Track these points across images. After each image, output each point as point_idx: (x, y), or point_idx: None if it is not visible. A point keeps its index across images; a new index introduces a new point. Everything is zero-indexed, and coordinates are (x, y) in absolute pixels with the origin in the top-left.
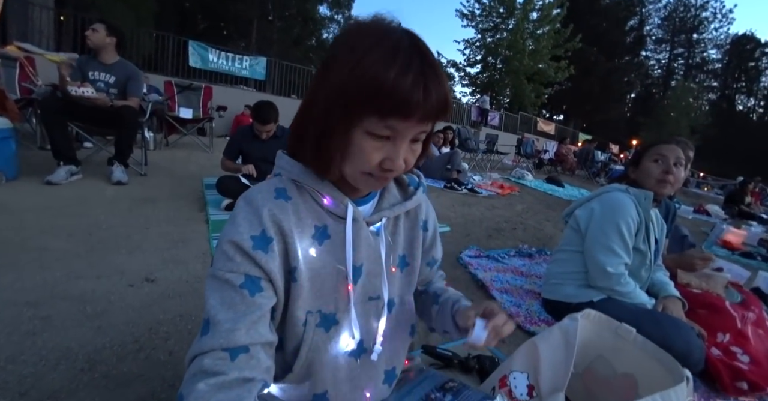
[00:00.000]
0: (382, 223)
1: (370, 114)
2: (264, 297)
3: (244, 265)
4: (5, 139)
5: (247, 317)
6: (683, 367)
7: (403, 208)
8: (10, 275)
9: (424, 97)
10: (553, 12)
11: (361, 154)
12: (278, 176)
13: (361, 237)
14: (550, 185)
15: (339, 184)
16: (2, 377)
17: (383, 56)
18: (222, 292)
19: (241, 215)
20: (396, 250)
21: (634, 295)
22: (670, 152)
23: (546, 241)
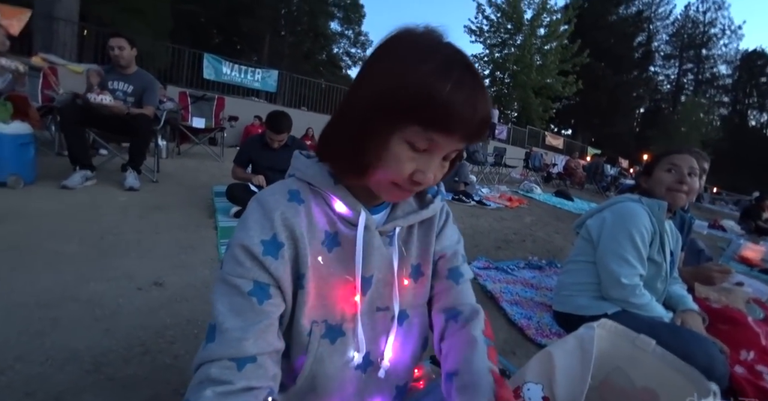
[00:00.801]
0: (395, 232)
1: (414, 123)
2: (273, 305)
3: (254, 271)
4: (25, 144)
5: (255, 326)
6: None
7: (418, 217)
8: (24, 278)
9: (472, 115)
10: (561, 28)
11: (395, 162)
12: (293, 177)
13: (373, 246)
14: (558, 199)
15: (354, 190)
16: (9, 376)
17: (438, 68)
18: (230, 298)
19: (252, 217)
20: (409, 259)
21: (650, 308)
22: (684, 161)
23: (556, 253)
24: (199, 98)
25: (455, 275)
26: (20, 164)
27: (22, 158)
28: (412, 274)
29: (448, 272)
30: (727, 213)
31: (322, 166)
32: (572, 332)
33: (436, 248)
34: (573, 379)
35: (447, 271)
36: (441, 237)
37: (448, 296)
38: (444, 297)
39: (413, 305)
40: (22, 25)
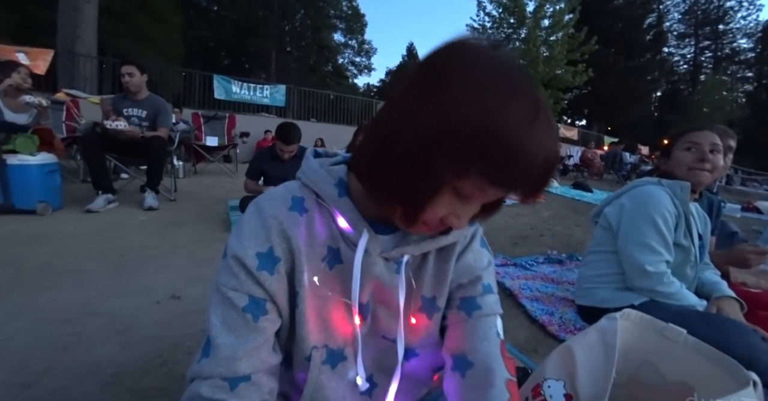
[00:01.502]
0: (404, 260)
1: (477, 173)
2: (268, 321)
3: (248, 285)
4: (52, 172)
5: (248, 343)
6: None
7: (434, 244)
8: (49, 296)
9: (543, 177)
10: (565, 18)
11: (432, 205)
12: (299, 181)
13: (372, 273)
14: (577, 191)
15: (363, 203)
16: (36, 390)
17: (524, 116)
18: (224, 310)
19: (248, 225)
20: (420, 291)
21: (680, 296)
22: (704, 138)
23: (576, 247)
24: (211, 118)
25: (468, 306)
26: (48, 191)
27: (49, 186)
28: (425, 308)
29: (461, 302)
30: (762, 194)
31: (329, 172)
32: None
33: (453, 276)
34: (596, 375)
35: (459, 300)
36: (460, 262)
37: (457, 334)
38: (453, 334)
39: (425, 343)
40: (47, 64)
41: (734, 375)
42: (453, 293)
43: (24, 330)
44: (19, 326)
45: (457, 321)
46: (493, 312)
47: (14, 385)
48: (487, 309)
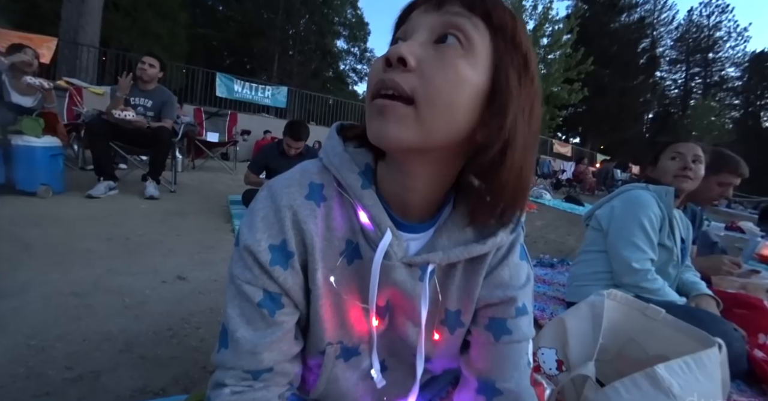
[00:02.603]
0: (429, 270)
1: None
2: (285, 314)
3: (262, 279)
4: (56, 156)
5: (267, 337)
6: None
7: (466, 253)
8: (59, 271)
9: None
10: (564, 37)
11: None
12: (320, 163)
13: (392, 279)
14: (569, 204)
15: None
16: (51, 353)
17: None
18: (241, 303)
19: (261, 213)
20: (445, 304)
21: (663, 292)
22: (688, 149)
23: (568, 253)
24: (213, 114)
25: (497, 329)
26: (51, 174)
27: (52, 169)
28: (448, 322)
29: (489, 322)
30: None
31: (355, 156)
32: None
33: (480, 293)
34: (585, 341)
35: (488, 320)
36: (490, 278)
37: (484, 356)
38: (479, 355)
39: (443, 356)
40: (51, 53)
41: (703, 342)
42: (481, 311)
43: (36, 300)
44: (30, 297)
45: (483, 343)
46: (524, 337)
47: (30, 347)
48: (518, 335)
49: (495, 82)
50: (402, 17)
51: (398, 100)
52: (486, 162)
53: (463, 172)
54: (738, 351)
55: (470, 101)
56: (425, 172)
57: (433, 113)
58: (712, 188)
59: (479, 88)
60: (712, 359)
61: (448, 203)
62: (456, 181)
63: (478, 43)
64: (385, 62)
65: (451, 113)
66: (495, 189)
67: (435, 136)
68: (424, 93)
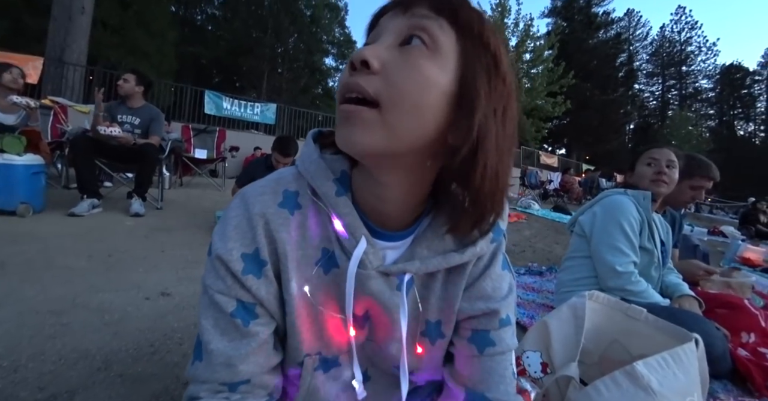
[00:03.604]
0: (406, 279)
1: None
2: (260, 324)
3: (235, 289)
4: (37, 174)
5: (242, 348)
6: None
7: (444, 262)
8: (35, 288)
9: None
10: (545, 53)
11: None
12: (295, 169)
13: (368, 289)
14: (557, 214)
15: (363, 200)
16: (23, 373)
17: None
18: (215, 313)
19: (233, 222)
20: (426, 315)
21: (647, 294)
22: (662, 155)
23: (556, 261)
24: (202, 131)
25: (481, 341)
26: (31, 192)
27: (33, 187)
28: (428, 333)
29: (473, 335)
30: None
31: (331, 163)
32: None
33: (462, 305)
34: (567, 343)
35: (471, 332)
36: (472, 289)
37: (469, 368)
38: (464, 367)
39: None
40: (38, 73)
41: (682, 339)
42: (463, 323)
43: (9, 319)
44: (3, 315)
45: (467, 355)
46: (508, 348)
47: (1, 368)
48: (501, 346)
49: (462, 82)
50: (372, 23)
51: (363, 104)
52: (457, 164)
53: (440, 179)
54: (720, 350)
55: (437, 102)
56: (399, 180)
57: (400, 116)
58: (684, 192)
59: (446, 88)
60: (689, 354)
61: (427, 211)
62: (434, 189)
63: (445, 44)
64: (350, 66)
65: (418, 115)
66: (471, 193)
67: (403, 139)
68: (388, 96)
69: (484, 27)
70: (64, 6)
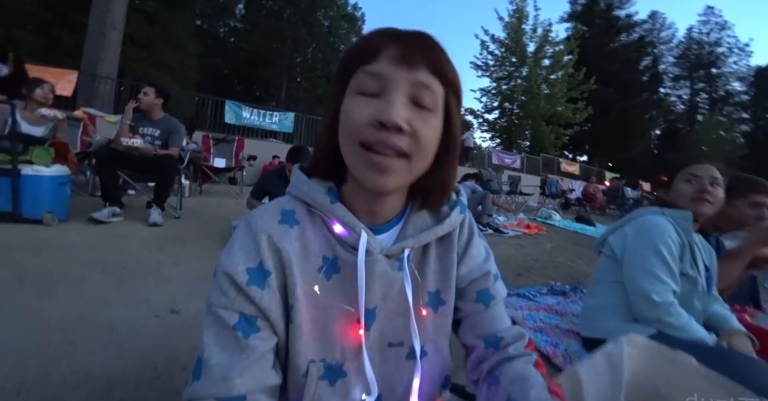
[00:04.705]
0: (405, 255)
1: (349, 74)
2: (260, 339)
3: (238, 302)
4: (63, 184)
5: (240, 362)
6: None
7: (431, 234)
8: (48, 303)
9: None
10: (565, 58)
11: (349, 113)
12: (289, 195)
13: (376, 273)
14: (579, 224)
15: (356, 208)
16: (25, 397)
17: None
18: (216, 330)
19: (238, 242)
20: (426, 286)
21: (689, 328)
22: (704, 171)
23: (580, 278)
24: (221, 140)
25: (486, 298)
26: (56, 202)
27: (58, 197)
28: (431, 303)
29: (477, 295)
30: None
31: (319, 182)
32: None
33: (460, 273)
34: (604, 399)
35: (475, 294)
36: (466, 259)
37: (481, 322)
38: (477, 322)
39: (432, 339)
40: (72, 86)
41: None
42: (468, 288)
43: (20, 335)
44: (16, 331)
45: (476, 312)
46: (502, 297)
47: (4, 391)
48: (498, 297)
49: (447, 120)
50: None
51: (395, 157)
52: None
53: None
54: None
55: (437, 141)
56: (394, 194)
57: (420, 162)
58: (744, 212)
59: (440, 129)
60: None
61: (407, 204)
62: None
63: (439, 100)
64: (380, 124)
65: (429, 156)
66: (438, 183)
67: (416, 176)
68: (416, 149)
69: (457, 77)
70: (98, 23)
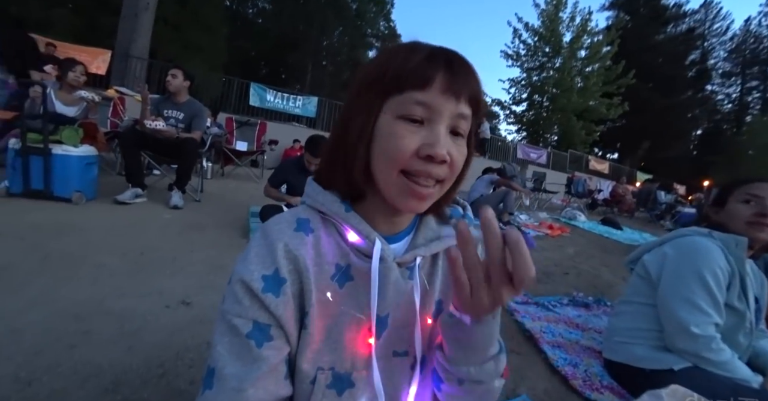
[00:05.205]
0: (416, 263)
1: (392, 93)
2: (273, 348)
3: (253, 310)
4: (90, 164)
5: (253, 373)
6: None
7: (441, 244)
8: (68, 288)
9: (446, 68)
10: (603, 50)
11: (392, 139)
12: (304, 205)
13: (389, 281)
14: (605, 227)
15: (370, 217)
16: (36, 388)
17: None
18: (230, 339)
19: (254, 250)
20: (432, 295)
21: (731, 367)
22: (766, 191)
23: (604, 289)
24: (244, 123)
25: None
26: (84, 182)
27: (86, 177)
28: (434, 313)
29: None
30: None
31: (332, 192)
32: (628, 387)
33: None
34: None
35: None
36: None
37: None
38: None
39: (432, 347)
40: (106, 64)
41: None
42: None
43: (38, 322)
44: (34, 318)
45: None
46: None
47: (18, 381)
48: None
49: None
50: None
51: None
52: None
53: None
54: None
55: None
56: None
57: (450, 183)
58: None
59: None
60: None
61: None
62: None
63: (470, 127)
64: (428, 157)
65: (456, 177)
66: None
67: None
68: (450, 175)
69: (485, 103)
70: (131, 4)
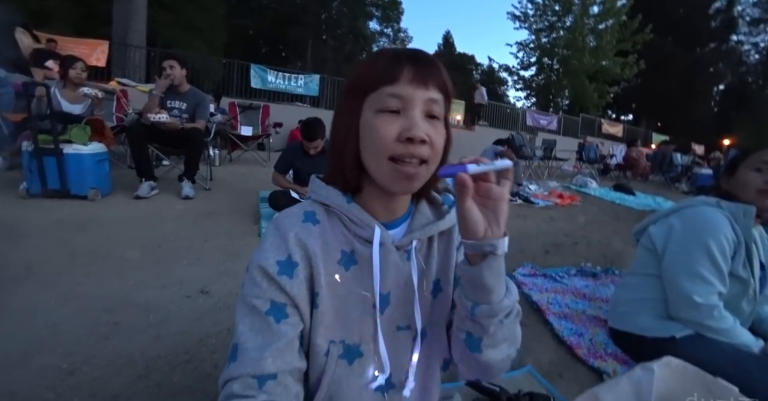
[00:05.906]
0: (413, 246)
1: (368, 93)
2: (289, 324)
3: (270, 291)
4: (102, 161)
5: (273, 345)
6: None
7: (435, 228)
8: (95, 282)
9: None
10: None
11: (375, 130)
12: (309, 200)
13: (389, 262)
14: (618, 193)
15: (369, 206)
16: (78, 377)
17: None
18: (251, 318)
19: (269, 240)
20: (429, 275)
21: (733, 333)
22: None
23: (614, 258)
24: (247, 108)
25: None
26: (98, 178)
27: (99, 173)
28: (433, 290)
29: None
30: None
31: (335, 187)
32: (632, 355)
33: (458, 261)
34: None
35: None
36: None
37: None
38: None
39: (432, 322)
40: (105, 56)
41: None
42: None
43: (71, 316)
44: (67, 312)
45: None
46: None
47: (61, 370)
48: None
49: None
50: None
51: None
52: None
53: None
54: None
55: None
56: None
57: (435, 163)
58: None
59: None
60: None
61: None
62: None
63: (443, 109)
64: (408, 139)
65: (440, 157)
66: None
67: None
68: (433, 155)
69: (451, 85)
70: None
